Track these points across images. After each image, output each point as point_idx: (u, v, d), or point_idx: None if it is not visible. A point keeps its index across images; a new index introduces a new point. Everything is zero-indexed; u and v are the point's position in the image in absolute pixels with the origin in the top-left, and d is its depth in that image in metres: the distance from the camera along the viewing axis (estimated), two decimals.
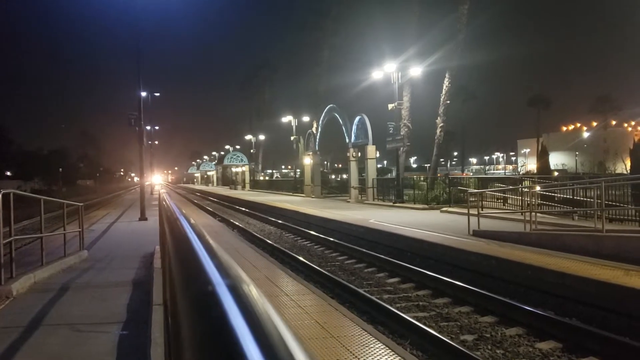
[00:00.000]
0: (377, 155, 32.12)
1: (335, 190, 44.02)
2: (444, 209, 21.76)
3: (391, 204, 26.18)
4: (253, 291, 0.49)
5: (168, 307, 2.96)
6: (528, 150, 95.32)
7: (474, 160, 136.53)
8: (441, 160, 40.19)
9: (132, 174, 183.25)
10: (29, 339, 5.12)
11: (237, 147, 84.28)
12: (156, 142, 70.62)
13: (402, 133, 27.89)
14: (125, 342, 4.98)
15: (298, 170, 51.96)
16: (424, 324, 7.33)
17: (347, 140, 32.42)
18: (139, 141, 21.68)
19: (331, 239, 15.67)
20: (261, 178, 77.33)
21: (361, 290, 9.34)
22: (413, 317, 7.58)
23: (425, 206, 23.73)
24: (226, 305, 0.45)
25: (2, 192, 6.95)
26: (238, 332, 0.40)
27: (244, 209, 31.80)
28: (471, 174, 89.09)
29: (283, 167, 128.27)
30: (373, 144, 29.44)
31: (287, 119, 51.70)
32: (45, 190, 63.27)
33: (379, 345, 5.02)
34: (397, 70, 26.60)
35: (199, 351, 0.43)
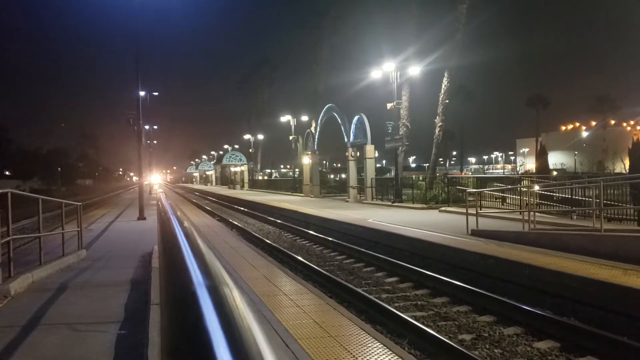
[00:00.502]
0: (376, 154, 32.14)
1: (334, 189, 44.02)
2: (443, 208, 21.76)
3: (390, 203, 26.17)
4: (233, 294, 0.48)
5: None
6: (527, 149, 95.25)
7: (472, 159, 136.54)
8: (440, 159, 40.26)
9: (131, 174, 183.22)
10: (26, 339, 5.12)
11: (236, 146, 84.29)
12: (155, 142, 70.60)
13: (400, 132, 27.88)
14: (123, 342, 4.98)
15: (297, 169, 51.95)
16: (422, 323, 7.33)
17: (345, 140, 32.43)
18: (137, 140, 21.68)
19: (330, 239, 15.66)
20: (260, 177, 77.29)
21: (360, 290, 9.34)
22: (411, 317, 7.58)
23: (424, 206, 23.74)
24: (204, 306, 0.45)
25: (0, 191, 6.94)
26: (212, 335, 0.39)
27: (242, 208, 31.80)
28: (470, 173, 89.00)
29: (282, 166, 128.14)
30: (372, 144, 29.46)
31: (285, 118, 51.67)
32: (44, 190, 63.26)
33: (377, 344, 5.02)
34: (395, 70, 26.60)
35: (175, 349, 0.42)
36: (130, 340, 4.98)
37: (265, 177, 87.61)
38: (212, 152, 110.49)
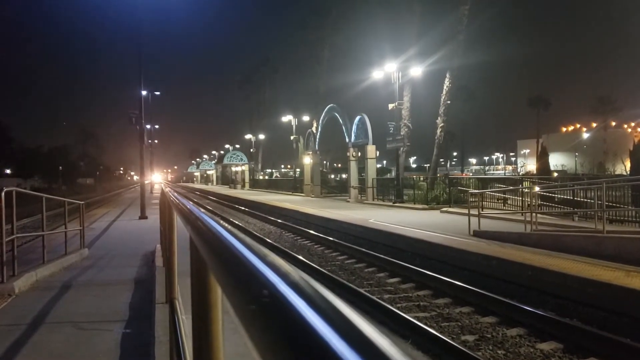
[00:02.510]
0: (377, 155, 32.16)
1: (335, 189, 44.03)
2: (444, 209, 21.76)
3: (391, 203, 26.18)
4: (318, 287, 0.48)
5: (175, 307, 2.97)
6: (528, 150, 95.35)
7: (473, 160, 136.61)
8: (441, 160, 40.23)
9: (132, 173, 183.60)
10: (31, 337, 5.13)
11: (237, 146, 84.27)
12: (156, 141, 70.63)
13: (402, 133, 27.91)
14: (128, 341, 4.99)
15: (298, 169, 51.96)
16: (425, 324, 7.34)
17: (347, 140, 32.43)
18: (139, 140, 21.70)
19: (331, 239, 15.65)
20: (261, 177, 77.30)
21: (362, 290, 9.35)
22: (414, 317, 7.59)
23: (425, 206, 23.74)
24: (297, 306, 0.45)
25: (5, 190, 6.94)
26: (321, 333, 0.39)
27: (243, 208, 31.80)
28: (471, 174, 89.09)
29: (283, 166, 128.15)
30: (373, 144, 29.45)
31: (287, 118, 51.69)
32: (45, 189, 63.24)
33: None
34: (397, 70, 26.62)
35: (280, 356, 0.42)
36: (136, 339, 4.99)
37: (266, 177, 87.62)
38: (213, 152, 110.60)
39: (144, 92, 22.23)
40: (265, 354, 0.45)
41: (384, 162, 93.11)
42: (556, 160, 63.23)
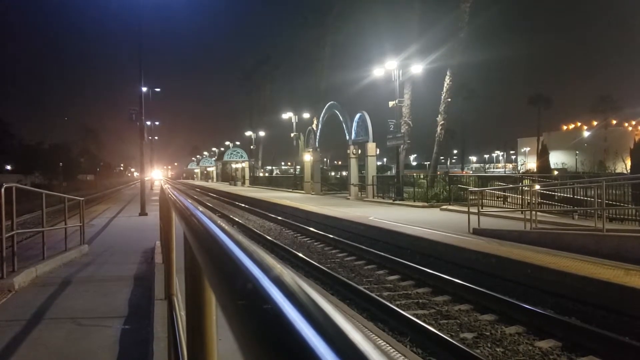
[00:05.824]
0: (377, 152, 32.14)
1: (335, 187, 44.02)
2: (444, 206, 21.77)
3: (391, 201, 26.18)
4: (301, 283, 0.48)
5: (173, 304, 2.98)
6: (528, 149, 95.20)
7: (473, 158, 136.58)
8: (441, 158, 40.26)
9: (132, 169, 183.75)
10: (31, 333, 5.14)
11: (237, 143, 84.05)
12: (156, 138, 70.57)
13: (402, 131, 27.91)
14: (127, 337, 5.00)
15: (298, 167, 51.94)
16: (424, 321, 7.35)
17: (347, 137, 32.41)
18: (139, 136, 21.70)
19: (331, 236, 15.67)
20: (261, 174, 77.26)
21: (361, 287, 9.36)
22: (413, 315, 7.60)
23: (425, 204, 23.74)
24: (277, 301, 0.45)
25: (5, 185, 6.94)
26: (298, 328, 0.40)
27: (243, 205, 31.81)
28: (471, 172, 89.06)
29: (283, 163, 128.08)
30: (373, 141, 29.44)
31: (287, 115, 51.62)
32: (45, 185, 63.28)
33: (379, 342, 5.03)
34: (398, 68, 26.60)
35: (258, 351, 0.42)
36: (135, 335, 5.00)
37: (267, 174, 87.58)
38: (214, 149, 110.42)
39: (144, 89, 22.23)
40: (244, 347, 0.45)
41: (384, 159, 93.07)
42: (557, 159, 63.08)
